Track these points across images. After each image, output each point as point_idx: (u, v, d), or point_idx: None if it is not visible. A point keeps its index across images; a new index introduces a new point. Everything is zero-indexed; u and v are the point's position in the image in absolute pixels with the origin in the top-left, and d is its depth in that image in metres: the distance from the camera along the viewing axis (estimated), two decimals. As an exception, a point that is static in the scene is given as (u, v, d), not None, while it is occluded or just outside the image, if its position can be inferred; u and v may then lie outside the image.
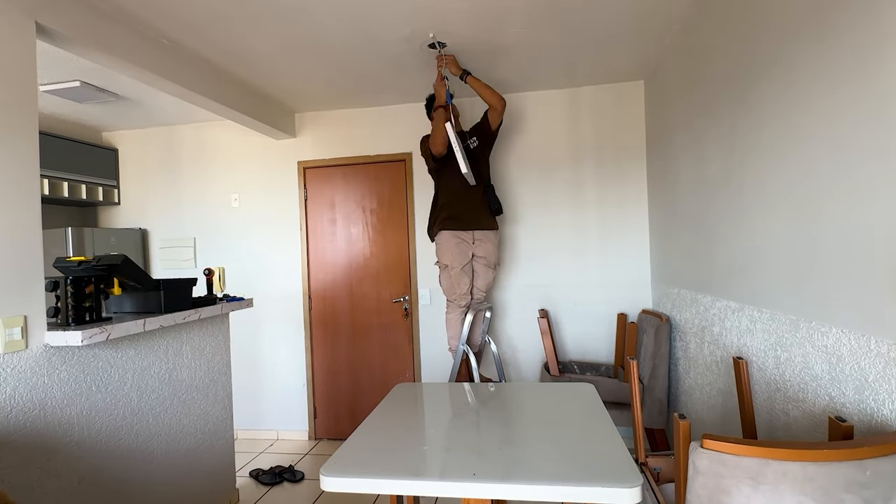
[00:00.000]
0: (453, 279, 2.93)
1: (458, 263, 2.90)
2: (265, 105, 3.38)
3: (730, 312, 2.08)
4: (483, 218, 2.95)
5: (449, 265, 2.92)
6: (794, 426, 1.60)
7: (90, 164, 3.75)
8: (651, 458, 1.89)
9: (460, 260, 2.90)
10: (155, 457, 2.16)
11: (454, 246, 2.90)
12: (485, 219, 2.96)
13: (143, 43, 2.37)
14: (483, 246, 2.96)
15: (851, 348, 1.31)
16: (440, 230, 2.94)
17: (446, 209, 2.94)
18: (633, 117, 3.34)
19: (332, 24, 2.35)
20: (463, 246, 2.91)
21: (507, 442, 1.50)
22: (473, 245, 2.95)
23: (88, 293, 1.83)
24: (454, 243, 2.90)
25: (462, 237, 2.91)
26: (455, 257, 2.90)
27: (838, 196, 1.34)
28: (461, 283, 2.92)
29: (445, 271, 2.95)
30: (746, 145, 1.87)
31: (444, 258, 2.94)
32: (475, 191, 2.92)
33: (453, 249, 2.90)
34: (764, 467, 1.05)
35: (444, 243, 2.92)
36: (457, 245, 2.90)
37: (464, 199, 2.91)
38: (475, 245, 2.95)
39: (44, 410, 1.70)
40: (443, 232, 2.92)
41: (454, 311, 3.00)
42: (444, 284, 3.00)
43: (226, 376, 2.66)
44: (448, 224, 2.91)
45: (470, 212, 2.92)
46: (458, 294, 2.94)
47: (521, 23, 2.41)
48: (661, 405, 2.78)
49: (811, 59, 1.45)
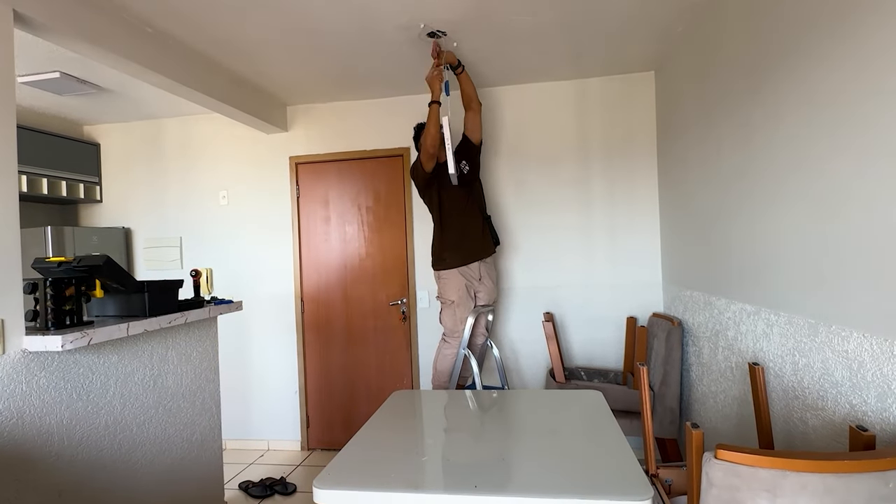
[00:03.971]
0: (458, 317, 2.96)
1: (464, 301, 2.95)
2: (255, 97, 3.38)
3: (745, 316, 2.08)
4: (487, 245, 3.04)
5: (455, 302, 2.95)
6: (813, 435, 1.60)
7: (71, 159, 3.75)
8: (662, 469, 1.89)
9: (468, 299, 2.96)
10: (139, 468, 2.16)
11: (464, 287, 2.94)
12: (488, 246, 3.05)
13: (127, 31, 2.36)
14: (486, 284, 3.05)
15: (874, 353, 1.31)
16: (448, 268, 2.96)
17: (452, 241, 2.97)
18: (643, 110, 3.34)
19: (326, 10, 2.35)
20: (470, 287, 2.98)
21: (510, 453, 1.50)
22: (480, 283, 3.02)
23: (69, 296, 1.83)
24: (464, 283, 2.95)
25: (470, 274, 2.97)
26: (462, 295, 2.94)
27: (860, 193, 1.34)
28: (466, 321, 2.95)
29: (450, 307, 2.98)
30: (762, 139, 1.87)
31: (451, 294, 2.96)
32: (476, 220, 2.99)
33: (462, 290, 2.94)
34: (781, 479, 1.05)
35: (453, 281, 2.95)
36: (466, 286, 2.95)
37: (471, 230, 2.98)
38: (480, 283, 3.02)
39: (21, 419, 1.69)
40: (452, 270, 2.95)
41: (451, 348, 3.00)
42: (447, 322, 3.00)
43: (214, 383, 2.66)
44: (457, 260, 2.95)
45: (476, 240, 2.99)
46: (459, 331, 2.97)
47: (525, 9, 2.41)
48: (672, 414, 2.78)
49: (831, 46, 1.45)
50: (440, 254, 3.00)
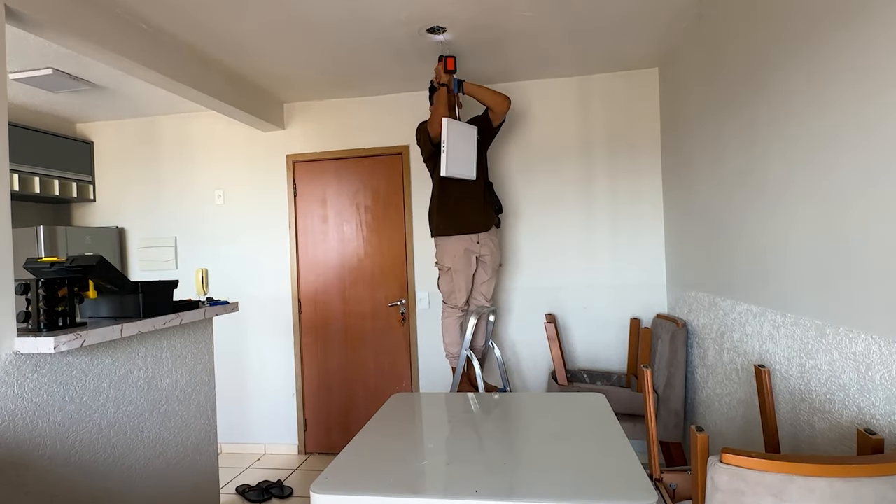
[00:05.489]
0: (455, 283, 2.96)
1: (461, 267, 2.93)
2: (252, 94, 3.38)
3: (751, 317, 2.08)
4: (488, 216, 3.00)
5: (452, 268, 2.94)
6: (820, 439, 1.60)
7: (63, 157, 3.75)
8: (666, 473, 1.89)
9: (465, 265, 2.94)
10: (133, 472, 2.16)
11: (461, 252, 2.92)
12: (489, 217, 3.00)
13: (121, 27, 2.36)
14: (487, 245, 2.99)
15: (882, 356, 1.31)
16: (444, 234, 2.95)
17: (450, 208, 2.94)
18: (647, 107, 3.34)
19: (324, 5, 2.35)
20: (469, 252, 2.94)
21: (511, 456, 1.50)
22: (479, 245, 2.97)
23: (62, 296, 1.83)
24: (461, 249, 2.92)
25: (468, 241, 2.94)
26: (459, 261, 2.92)
27: (869, 192, 1.34)
28: (462, 286, 2.95)
29: (447, 274, 2.97)
30: (769, 137, 1.87)
31: (447, 261, 2.96)
32: (476, 187, 2.94)
33: (459, 255, 2.92)
34: (788, 483, 1.05)
35: (450, 247, 2.94)
36: (464, 252, 2.92)
37: (469, 199, 2.94)
38: (480, 245, 2.97)
39: (13, 423, 1.69)
40: (448, 237, 2.94)
41: (451, 314, 3.02)
42: (444, 287, 3.02)
43: (209, 386, 2.66)
44: (454, 227, 2.93)
45: (476, 212, 2.95)
46: (457, 297, 2.98)
47: (526, 4, 2.41)
48: (677, 417, 2.78)
49: (840, 42, 1.45)
50: (437, 221, 2.98)
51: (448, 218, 2.95)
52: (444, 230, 2.95)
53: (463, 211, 2.93)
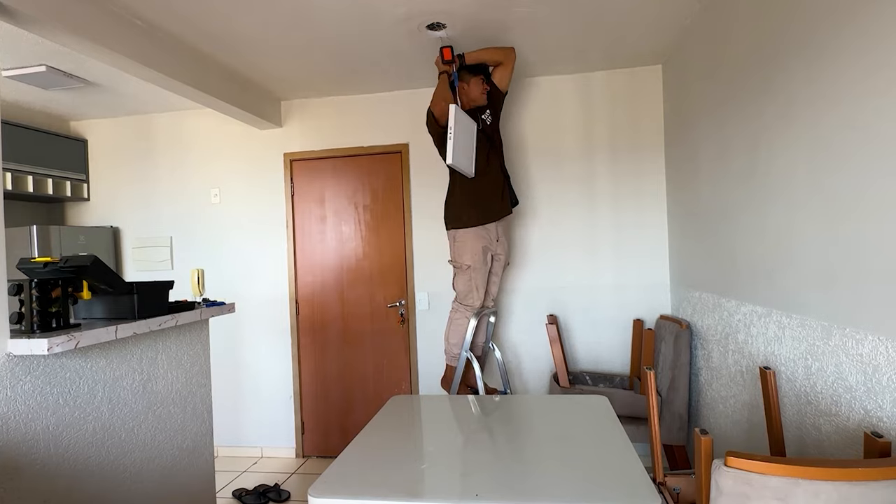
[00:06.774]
0: (473, 281, 2.90)
1: (479, 265, 2.89)
2: (248, 92, 3.38)
3: (756, 318, 2.08)
4: (506, 205, 2.98)
5: (472, 266, 2.89)
6: (827, 442, 1.60)
7: (57, 155, 3.75)
8: (670, 477, 1.89)
9: (482, 263, 2.90)
10: (127, 476, 2.16)
11: (480, 249, 2.88)
12: (507, 206, 2.99)
13: (116, 24, 2.36)
14: (503, 244, 3.01)
15: (889, 357, 1.31)
16: (465, 227, 2.88)
17: (471, 196, 2.88)
18: (650, 105, 3.34)
19: (322, 1, 2.35)
20: (486, 250, 2.91)
21: (512, 459, 1.50)
22: (497, 243, 2.97)
23: (55, 297, 1.83)
24: (480, 246, 2.88)
25: (488, 235, 2.91)
26: (478, 258, 2.88)
27: (877, 191, 1.34)
28: (481, 285, 2.91)
29: (465, 272, 2.91)
30: (774, 135, 1.87)
31: (465, 258, 2.89)
32: (496, 176, 2.92)
33: (478, 252, 2.87)
34: (794, 487, 1.05)
35: (470, 243, 2.88)
36: (483, 249, 2.89)
37: (491, 189, 2.91)
38: (498, 243, 2.97)
39: (6, 425, 1.69)
40: (469, 230, 2.87)
41: (463, 315, 2.95)
42: (461, 287, 2.95)
43: (205, 388, 2.66)
44: (475, 218, 2.87)
45: (496, 199, 2.92)
46: (473, 297, 2.93)
47: (527, 0, 2.41)
48: (680, 419, 2.78)
49: (848, 37, 1.45)
50: (457, 212, 2.91)
51: (469, 208, 2.88)
52: (469, 221, 2.87)
53: (483, 201, 2.89)
